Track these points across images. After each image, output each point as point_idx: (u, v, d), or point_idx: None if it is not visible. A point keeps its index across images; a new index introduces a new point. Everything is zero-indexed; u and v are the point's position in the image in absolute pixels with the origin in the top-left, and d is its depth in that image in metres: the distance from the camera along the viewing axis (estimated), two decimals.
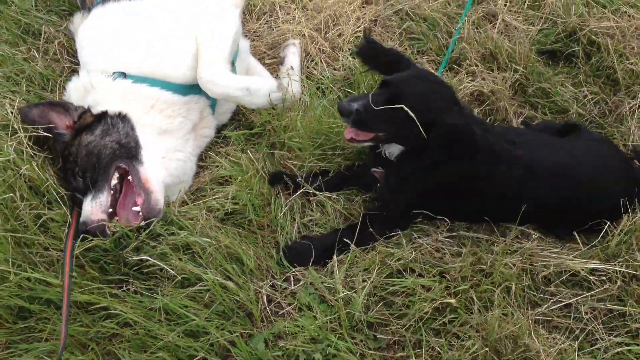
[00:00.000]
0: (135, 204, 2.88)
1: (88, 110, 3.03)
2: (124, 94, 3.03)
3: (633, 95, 3.49)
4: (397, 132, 2.70)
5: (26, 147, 2.96)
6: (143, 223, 2.81)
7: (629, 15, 3.73)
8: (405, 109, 2.55)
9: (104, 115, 3.00)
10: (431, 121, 2.57)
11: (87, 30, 3.20)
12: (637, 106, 3.42)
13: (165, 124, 3.07)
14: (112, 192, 2.89)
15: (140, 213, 2.85)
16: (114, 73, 3.04)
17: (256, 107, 3.21)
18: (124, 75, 3.04)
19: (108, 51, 3.11)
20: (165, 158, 3.05)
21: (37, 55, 3.39)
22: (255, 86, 3.12)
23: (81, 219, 2.86)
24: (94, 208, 2.85)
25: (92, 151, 2.92)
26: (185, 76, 3.12)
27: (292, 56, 3.59)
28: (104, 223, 2.81)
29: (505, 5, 3.90)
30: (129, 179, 2.93)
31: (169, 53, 3.11)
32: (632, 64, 3.49)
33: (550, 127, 3.29)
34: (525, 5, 3.90)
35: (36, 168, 2.89)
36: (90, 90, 3.05)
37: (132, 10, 3.22)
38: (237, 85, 3.08)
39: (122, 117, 3.00)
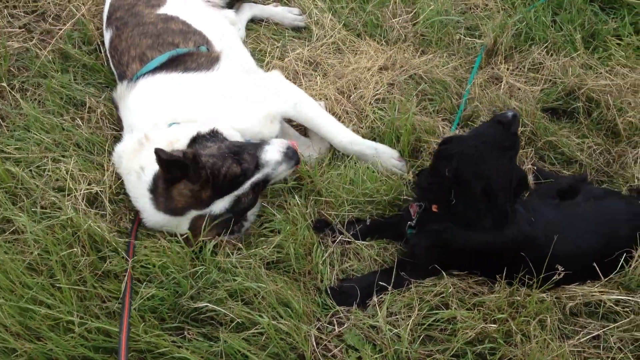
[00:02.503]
0: None
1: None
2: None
3: (634, 145, 3.77)
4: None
5: (81, 206, 3.16)
6: None
7: (622, 74, 4.07)
8: None
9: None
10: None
11: (139, 94, 3.46)
12: (639, 154, 3.71)
13: None
14: None
15: None
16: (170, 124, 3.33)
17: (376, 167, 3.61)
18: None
19: (162, 109, 3.39)
20: None
21: (81, 124, 3.61)
22: (382, 149, 3.68)
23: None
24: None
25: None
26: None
27: None
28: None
29: (507, 69, 4.22)
30: None
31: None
32: (631, 117, 3.78)
33: (551, 190, 3.51)
34: (526, 69, 4.23)
35: (93, 225, 3.08)
36: (144, 143, 3.25)
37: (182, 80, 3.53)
38: (370, 144, 3.67)
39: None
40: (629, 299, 3.02)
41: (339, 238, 3.30)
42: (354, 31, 4.54)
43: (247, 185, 3.17)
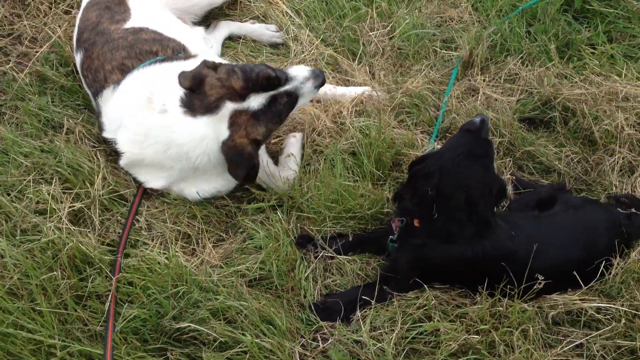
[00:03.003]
0: None
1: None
2: None
3: (611, 152, 3.81)
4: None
5: (64, 225, 3.18)
6: None
7: (597, 83, 4.11)
8: None
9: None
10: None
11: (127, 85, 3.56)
12: (616, 162, 3.75)
13: None
14: None
15: None
16: None
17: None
18: None
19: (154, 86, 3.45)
20: None
21: (62, 145, 3.59)
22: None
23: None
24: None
25: None
26: None
27: (292, 146, 3.85)
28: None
29: (484, 80, 4.26)
30: None
31: None
32: (606, 125, 3.82)
33: (529, 202, 3.54)
34: (502, 80, 4.27)
35: (77, 242, 3.10)
36: (151, 98, 3.34)
37: None
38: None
39: None
40: (610, 307, 3.04)
41: (322, 253, 3.30)
42: (332, 46, 4.56)
43: (282, 90, 3.24)
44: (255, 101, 3.17)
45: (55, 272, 2.99)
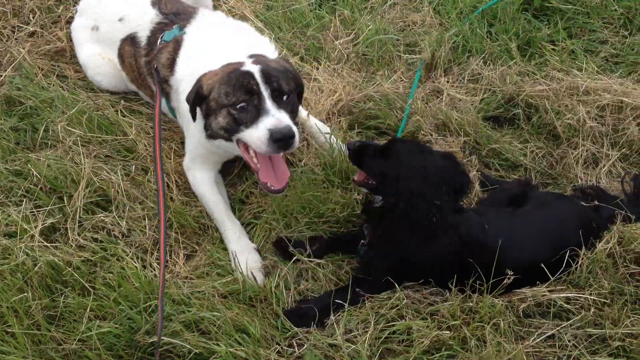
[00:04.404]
0: None
1: None
2: None
3: (574, 146, 3.88)
4: (379, 183, 3.14)
5: (38, 244, 3.22)
6: None
7: (557, 79, 4.19)
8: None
9: None
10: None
11: None
12: (580, 155, 3.81)
13: None
14: None
15: None
16: None
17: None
18: None
19: None
20: None
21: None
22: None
23: (270, 127, 3.13)
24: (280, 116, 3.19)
25: None
26: None
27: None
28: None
29: (447, 81, 4.32)
30: None
31: None
32: (568, 119, 3.89)
33: (502, 198, 3.58)
34: (465, 80, 4.34)
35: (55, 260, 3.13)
36: None
37: None
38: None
39: None
40: (579, 296, 3.09)
41: (292, 261, 3.32)
42: (297, 55, 4.60)
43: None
44: None
45: (26, 294, 2.98)
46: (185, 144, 3.80)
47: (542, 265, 3.09)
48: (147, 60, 3.86)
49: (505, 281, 2.98)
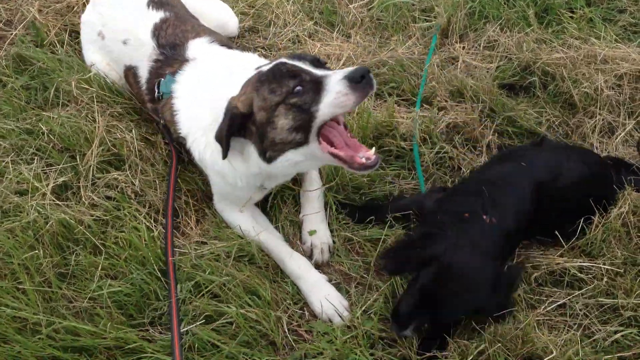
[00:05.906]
0: None
1: None
2: None
3: (590, 115, 3.83)
4: None
5: (49, 201, 3.21)
6: None
7: (575, 47, 4.12)
8: None
9: None
10: None
11: None
12: (596, 124, 3.77)
13: None
14: None
15: None
16: None
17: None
18: None
19: None
20: None
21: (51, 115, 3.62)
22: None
23: (343, 76, 2.62)
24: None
25: None
26: None
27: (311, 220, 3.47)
28: None
29: (463, 48, 4.26)
30: None
31: None
32: (585, 87, 3.84)
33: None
34: (481, 47, 4.27)
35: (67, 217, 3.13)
36: None
37: None
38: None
39: None
40: (592, 265, 3.07)
41: None
42: (312, 19, 4.55)
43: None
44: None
45: (37, 251, 2.99)
46: (211, 184, 3.41)
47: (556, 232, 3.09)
48: (154, 107, 3.52)
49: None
